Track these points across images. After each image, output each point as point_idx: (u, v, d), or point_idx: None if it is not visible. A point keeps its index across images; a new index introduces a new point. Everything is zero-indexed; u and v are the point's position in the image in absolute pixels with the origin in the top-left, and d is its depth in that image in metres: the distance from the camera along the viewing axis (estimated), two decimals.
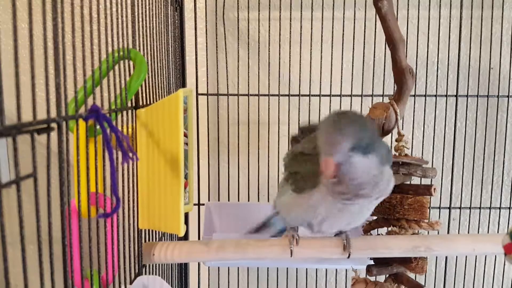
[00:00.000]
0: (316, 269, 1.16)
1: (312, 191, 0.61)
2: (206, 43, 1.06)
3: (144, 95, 0.65)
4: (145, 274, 0.69)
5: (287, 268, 1.14)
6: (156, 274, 0.77)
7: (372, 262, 0.77)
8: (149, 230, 0.72)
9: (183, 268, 1.09)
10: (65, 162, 0.39)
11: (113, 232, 0.53)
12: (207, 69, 1.05)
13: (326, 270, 1.16)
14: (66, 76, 0.39)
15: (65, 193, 0.39)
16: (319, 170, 0.58)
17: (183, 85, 1.04)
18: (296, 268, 1.14)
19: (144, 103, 0.65)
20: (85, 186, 0.46)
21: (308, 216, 0.64)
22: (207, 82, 1.07)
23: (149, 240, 0.72)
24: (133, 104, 0.62)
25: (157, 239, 0.78)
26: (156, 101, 0.71)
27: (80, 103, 0.51)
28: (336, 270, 1.17)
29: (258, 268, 1.14)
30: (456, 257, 1.14)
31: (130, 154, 0.48)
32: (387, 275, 0.78)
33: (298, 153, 0.66)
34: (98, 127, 0.47)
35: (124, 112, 0.58)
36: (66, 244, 0.40)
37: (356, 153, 0.53)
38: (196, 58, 1.04)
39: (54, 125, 0.37)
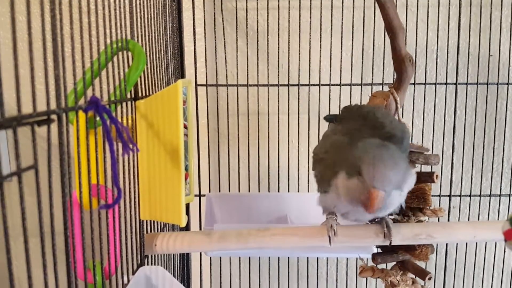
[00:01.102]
0: (317, 258, 1.16)
1: (327, 192, 0.65)
2: (205, 33, 1.05)
3: (143, 86, 0.65)
4: (147, 264, 0.70)
5: (288, 257, 1.15)
6: (158, 265, 0.78)
7: (375, 250, 0.77)
8: (150, 221, 0.72)
9: (185, 258, 1.10)
10: (65, 153, 0.39)
11: (115, 223, 0.53)
12: (205, 59, 1.05)
13: (327, 259, 1.17)
14: (65, 68, 0.39)
15: (66, 184, 0.39)
16: (328, 173, 0.63)
17: (182, 76, 1.04)
18: (297, 257, 1.15)
19: (144, 94, 0.65)
20: (86, 177, 0.46)
21: (332, 209, 0.68)
22: (206, 73, 1.07)
23: (150, 231, 0.72)
24: (133, 96, 0.62)
25: (159, 230, 0.79)
26: (156, 92, 0.71)
27: (80, 95, 0.51)
28: (337, 259, 1.17)
29: (259, 257, 1.15)
30: (457, 244, 1.15)
31: (130, 146, 0.48)
32: (393, 263, 0.78)
33: (314, 154, 0.70)
34: (98, 118, 0.47)
35: (124, 104, 0.58)
36: (68, 235, 0.40)
37: (396, 188, 0.57)
38: (194, 49, 1.04)
39: (54, 116, 0.37)
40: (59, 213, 0.39)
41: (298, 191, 1.10)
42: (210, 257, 1.14)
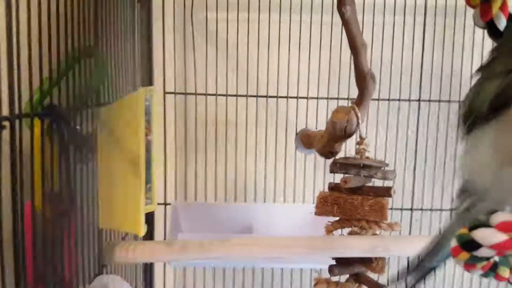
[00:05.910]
0: (282, 268, 1.16)
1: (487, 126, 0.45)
2: (174, 41, 1.05)
3: (106, 94, 0.65)
4: (107, 274, 0.69)
5: (253, 269, 1.15)
6: (119, 275, 0.77)
7: (334, 262, 0.78)
8: (112, 231, 0.71)
9: (148, 269, 1.08)
10: (17, 161, 0.38)
11: (71, 231, 0.52)
12: (174, 67, 1.05)
13: (291, 270, 1.17)
14: (20, 74, 0.39)
15: (17, 192, 0.39)
16: None
17: (150, 83, 1.03)
18: (262, 268, 1.15)
19: (106, 101, 0.65)
20: (41, 185, 0.45)
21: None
22: (175, 81, 1.06)
23: (111, 239, 0.71)
24: (94, 103, 0.61)
25: (120, 239, 0.78)
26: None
27: (38, 102, 0.50)
28: (302, 270, 1.18)
29: (224, 268, 1.14)
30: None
31: (89, 153, 0.48)
32: (348, 275, 0.79)
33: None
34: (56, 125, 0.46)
35: (84, 111, 0.57)
36: (19, 241, 0.40)
37: None
38: (163, 57, 1.03)
39: (6, 123, 0.37)
40: (9, 222, 0.38)
41: (264, 201, 1.10)
42: (174, 268, 1.13)
